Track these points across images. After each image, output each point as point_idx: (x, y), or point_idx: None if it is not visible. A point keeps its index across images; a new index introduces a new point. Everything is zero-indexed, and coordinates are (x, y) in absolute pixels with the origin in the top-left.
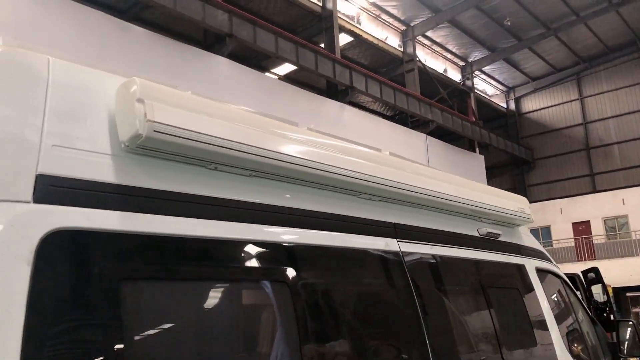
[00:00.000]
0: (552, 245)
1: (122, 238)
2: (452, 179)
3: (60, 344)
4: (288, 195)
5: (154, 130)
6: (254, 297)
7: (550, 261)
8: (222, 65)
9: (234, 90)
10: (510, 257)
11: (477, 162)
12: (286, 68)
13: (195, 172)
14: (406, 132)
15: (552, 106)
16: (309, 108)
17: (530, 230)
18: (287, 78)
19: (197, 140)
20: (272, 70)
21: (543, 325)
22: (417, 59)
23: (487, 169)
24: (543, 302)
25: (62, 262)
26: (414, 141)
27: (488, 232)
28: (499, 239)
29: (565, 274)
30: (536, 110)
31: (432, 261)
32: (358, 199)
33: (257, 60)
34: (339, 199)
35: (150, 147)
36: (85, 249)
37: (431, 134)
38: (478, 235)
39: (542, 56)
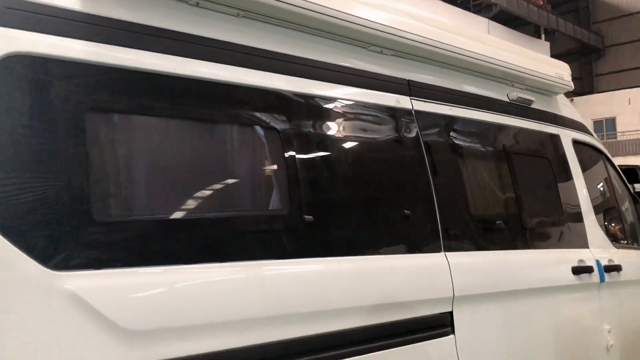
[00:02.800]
0: (615, 138)
1: (87, 68)
2: (480, 37)
3: (17, 177)
4: (282, 41)
5: None
6: (233, 140)
7: (591, 135)
8: None
9: None
10: (544, 126)
11: (541, 49)
12: None
13: (175, 6)
14: (467, 16)
15: None
16: None
17: (594, 122)
18: None
19: None
20: None
21: (573, 198)
22: None
23: (552, 57)
24: (576, 175)
25: (20, 89)
26: (475, 27)
27: (519, 98)
28: (532, 106)
29: (625, 165)
30: None
31: (449, 123)
32: (367, 51)
33: None
34: (344, 49)
35: None
36: (48, 77)
37: (494, 19)
38: (507, 100)
39: None
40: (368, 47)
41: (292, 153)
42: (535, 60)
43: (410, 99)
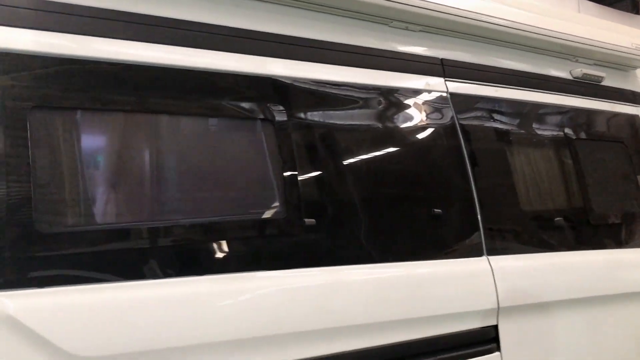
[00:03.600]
0: None
1: (30, 59)
2: (530, 5)
3: None
4: (281, 21)
5: None
6: (216, 134)
7: None
8: None
9: None
10: (618, 106)
11: None
12: None
13: None
14: None
15: None
16: None
17: None
18: None
19: None
20: None
21: None
22: None
23: None
24: None
25: None
26: (564, 5)
27: (585, 75)
28: (603, 83)
29: None
30: None
31: (493, 106)
32: (390, 28)
33: None
34: (359, 27)
35: None
36: None
37: None
38: (570, 77)
39: None
40: (390, 23)
41: (290, 146)
42: (605, 30)
43: (445, 81)
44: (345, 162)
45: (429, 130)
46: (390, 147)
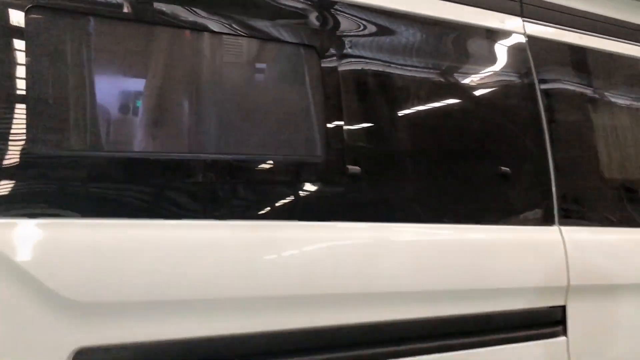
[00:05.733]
0: None
1: None
2: None
3: None
4: None
5: None
6: (240, 53)
7: None
8: None
9: None
10: None
11: None
12: None
13: None
14: None
15: None
16: None
17: None
18: None
19: None
20: None
21: None
22: None
23: None
24: None
25: None
26: None
27: None
28: None
29: None
30: None
31: (577, 56)
32: None
33: None
34: None
35: None
36: None
37: None
38: None
39: None
40: None
41: (336, 79)
42: None
43: (522, 21)
44: (400, 104)
45: (501, 77)
46: (454, 92)
